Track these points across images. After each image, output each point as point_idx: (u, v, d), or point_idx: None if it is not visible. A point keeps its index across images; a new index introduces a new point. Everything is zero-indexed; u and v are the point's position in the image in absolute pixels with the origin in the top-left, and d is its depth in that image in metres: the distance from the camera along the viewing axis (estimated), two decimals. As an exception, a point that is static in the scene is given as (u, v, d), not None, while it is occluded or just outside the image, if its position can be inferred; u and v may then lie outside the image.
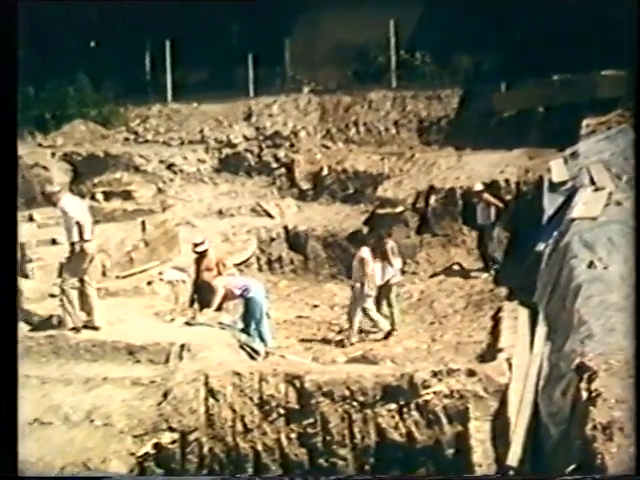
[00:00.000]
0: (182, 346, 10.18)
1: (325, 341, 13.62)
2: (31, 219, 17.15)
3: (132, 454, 8.68)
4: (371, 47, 23.36)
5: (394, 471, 8.87)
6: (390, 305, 13.65)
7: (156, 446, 8.82)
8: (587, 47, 18.96)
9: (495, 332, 12.71)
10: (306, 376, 9.06)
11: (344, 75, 23.92)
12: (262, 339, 12.03)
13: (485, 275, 16.05)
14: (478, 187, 16.64)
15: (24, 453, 8.37)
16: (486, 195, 16.33)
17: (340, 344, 13.06)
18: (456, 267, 16.76)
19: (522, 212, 17.11)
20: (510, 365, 9.31)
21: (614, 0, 17.39)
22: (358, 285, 13.02)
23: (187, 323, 11.39)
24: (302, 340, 13.49)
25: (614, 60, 17.69)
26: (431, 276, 16.73)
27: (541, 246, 13.88)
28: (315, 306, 15.63)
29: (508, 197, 17.44)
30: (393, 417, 8.86)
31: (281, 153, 20.04)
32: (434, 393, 8.79)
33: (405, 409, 8.85)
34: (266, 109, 21.85)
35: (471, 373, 8.94)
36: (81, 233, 11.35)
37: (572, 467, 6.10)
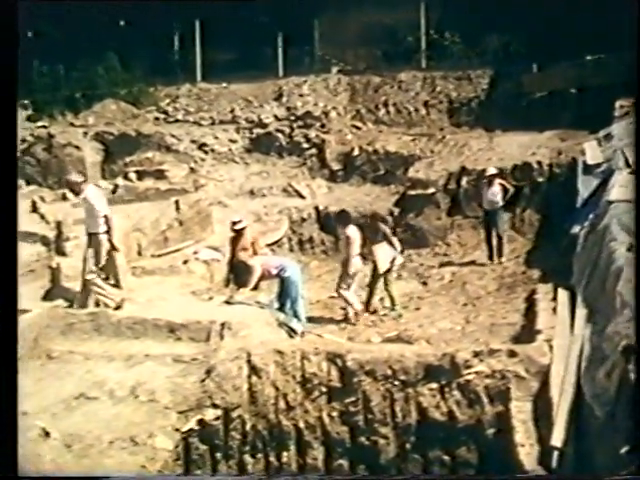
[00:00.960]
0: (223, 324, 10.28)
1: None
2: (64, 198, 17.31)
3: (177, 430, 8.79)
4: (400, 27, 23.24)
5: (435, 450, 8.95)
6: (388, 286, 14.01)
7: (200, 422, 8.93)
8: (620, 27, 18.78)
9: (529, 314, 12.75)
10: (348, 355, 9.14)
11: (373, 55, 23.87)
12: (298, 319, 12.15)
13: (491, 264, 15.82)
14: (492, 171, 16.33)
15: (72, 426, 8.57)
16: (499, 179, 16.09)
17: (347, 321, 13.35)
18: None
19: (554, 194, 17.08)
20: (550, 346, 9.33)
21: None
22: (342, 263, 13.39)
23: (227, 302, 11.49)
24: (336, 321, 13.62)
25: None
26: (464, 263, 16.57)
27: (576, 229, 13.85)
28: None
29: (540, 179, 17.44)
30: (434, 396, 8.93)
31: (312, 133, 20.08)
32: (476, 373, 8.84)
33: (446, 389, 8.91)
34: (296, 89, 21.87)
35: (512, 354, 8.98)
36: (108, 225, 11.62)
37: (626, 449, 6.14)
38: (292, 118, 20.44)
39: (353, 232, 13.48)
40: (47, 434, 8.29)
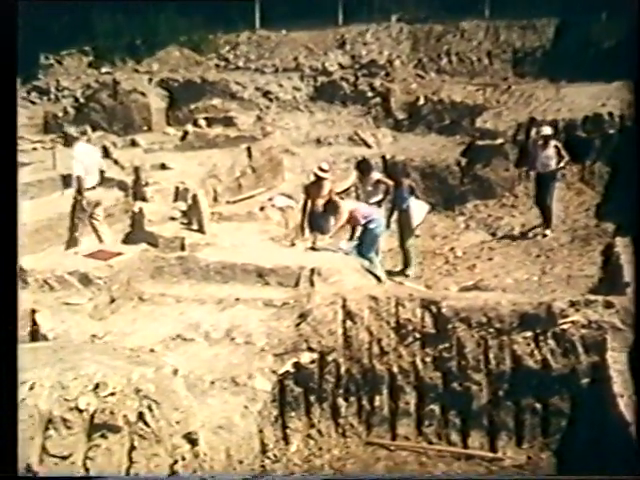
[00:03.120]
0: (312, 270, 10.38)
1: (432, 270, 13.84)
2: (134, 144, 17.43)
3: (273, 372, 8.94)
4: (462, -26, 22.93)
5: (528, 398, 9.03)
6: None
7: (296, 365, 9.08)
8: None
9: (608, 267, 12.73)
10: (443, 302, 9.20)
11: (434, 3, 23.56)
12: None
13: (546, 231, 15.19)
14: (547, 131, 15.63)
15: (173, 364, 8.69)
16: (555, 141, 15.43)
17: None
18: None
19: (625, 147, 16.85)
20: (644, 298, 9.31)
21: None
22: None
23: (312, 248, 11.58)
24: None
25: None
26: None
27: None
28: (416, 236, 15.73)
29: (611, 131, 17.20)
30: (529, 345, 8.97)
31: (376, 82, 19.92)
32: (572, 323, 8.86)
33: (541, 337, 8.94)
34: (359, 37, 21.70)
35: (609, 304, 8.98)
36: (79, 185, 11.75)
37: None
38: (356, 66, 20.30)
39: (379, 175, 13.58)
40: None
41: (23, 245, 12.06)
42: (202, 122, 17.89)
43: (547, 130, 15.70)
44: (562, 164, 15.42)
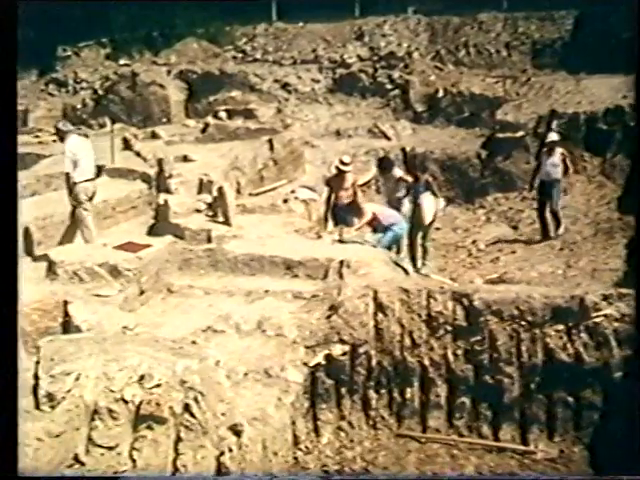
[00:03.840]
0: (341, 262, 10.37)
1: (456, 263, 13.83)
2: (154, 136, 17.43)
3: (305, 364, 8.95)
4: (478, -35, 22.79)
5: (559, 391, 9.02)
6: (425, 238, 13.43)
7: (327, 357, 9.08)
8: None
9: (631, 260, 12.69)
10: (475, 295, 9.18)
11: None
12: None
13: (559, 231, 14.74)
14: (553, 137, 15.15)
15: (207, 356, 8.69)
16: (561, 149, 14.94)
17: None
18: None
19: (646, 139, 16.78)
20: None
21: None
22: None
23: (339, 240, 11.56)
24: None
25: None
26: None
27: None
28: (437, 229, 15.70)
29: (632, 123, 17.11)
30: (561, 338, 8.95)
31: (395, 74, 19.87)
32: (604, 316, 8.84)
33: (574, 330, 8.93)
34: (377, 29, 21.64)
35: (642, 298, 8.95)
36: (69, 184, 11.48)
37: None
38: (375, 58, 20.25)
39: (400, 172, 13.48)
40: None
41: (51, 236, 12.20)
42: (223, 114, 17.88)
43: (554, 136, 15.27)
44: (567, 175, 15.04)
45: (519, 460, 8.81)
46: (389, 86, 19.82)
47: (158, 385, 5.87)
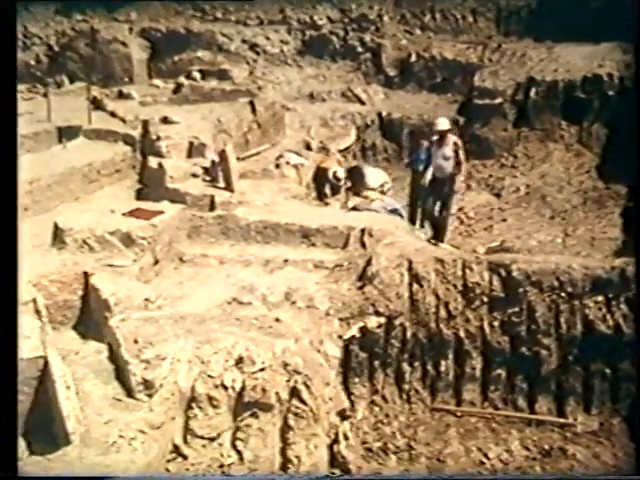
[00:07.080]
0: (362, 230, 9.97)
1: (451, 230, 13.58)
2: (122, 96, 16.55)
3: (339, 337, 8.58)
4: None
5: (597, 363, 8.90)
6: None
7: (362, 329, 8.73)
8: None
9: (629, 230, 12.72)
10: (513, 265, 8.94)
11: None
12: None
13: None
14: (443, 125, 12.32)
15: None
16: (455, 139, 12.55)
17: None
18: None
19: (624, 108, 16.80)
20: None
21: None
22: None
23: (354, 208, 11.16)
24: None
25: None
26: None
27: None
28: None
29: (610, 92, 17.11)
30: (601, 309, 8.82)
31: (367, 37, 19.37)
32: (641, 288, 8.73)
33: (614, 302, 8.80)
34: (347, -10, 21.02)
35: (680, 269, 8.86)
36: None
37: None
38: (346, 20, 19.67)
39: None
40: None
41: (36, 201, 11.43)
42: (196, 75, 17.09)
43: (444, 124, 12.48)
44: (460, 171, 12.36)
45: (560, 433, 8.66)
46: (360, 49, 19.31)
47: (262, 369, 5.38)
